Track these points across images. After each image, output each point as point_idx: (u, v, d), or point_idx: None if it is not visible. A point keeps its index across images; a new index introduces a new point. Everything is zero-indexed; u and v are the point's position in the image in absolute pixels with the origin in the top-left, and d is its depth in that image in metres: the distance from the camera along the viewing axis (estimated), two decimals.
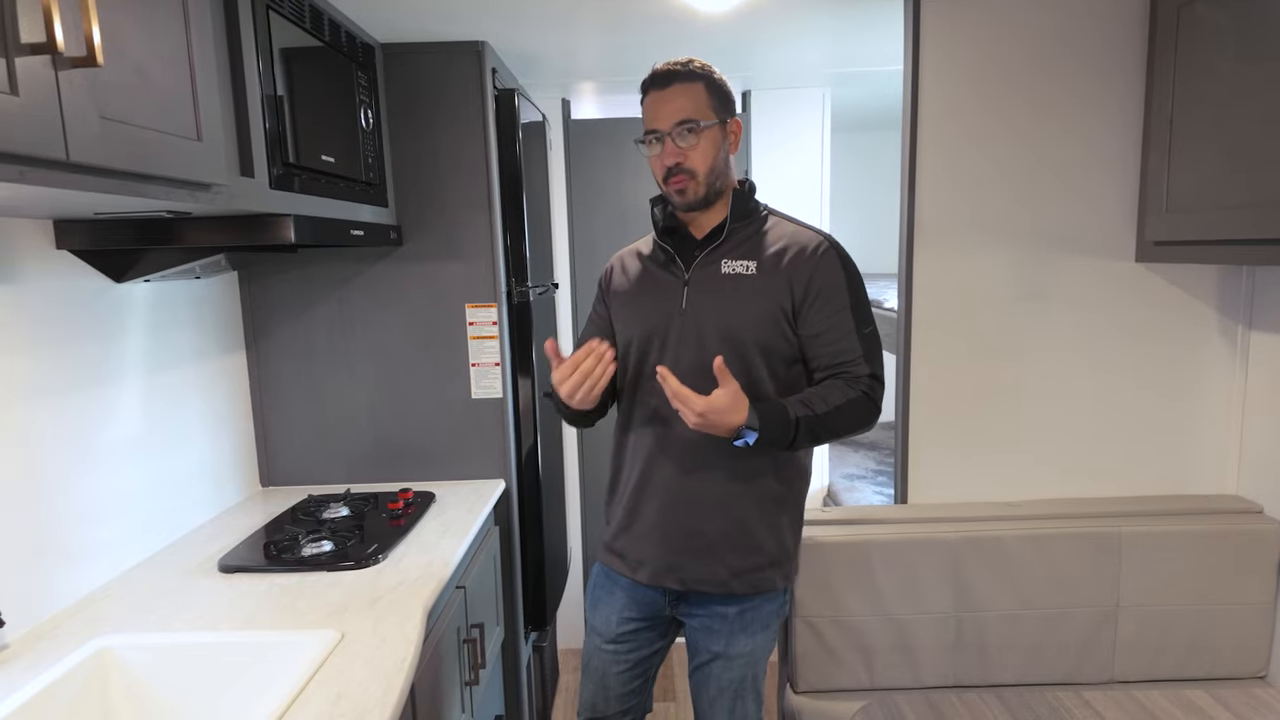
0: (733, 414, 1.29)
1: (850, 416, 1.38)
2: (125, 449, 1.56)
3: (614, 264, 1.61)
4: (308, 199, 1.49)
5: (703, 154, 1.40)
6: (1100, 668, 1.85)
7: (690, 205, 1.43)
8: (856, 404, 1.38)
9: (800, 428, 1.33)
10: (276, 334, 2.07)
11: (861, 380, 1.39)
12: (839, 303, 1.41)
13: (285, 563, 1.54)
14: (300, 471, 2.11)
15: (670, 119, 1.38)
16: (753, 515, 1.45)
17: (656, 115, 1.40)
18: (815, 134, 2.85)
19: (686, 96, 1.39)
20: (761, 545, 1.46)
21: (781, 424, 1.33)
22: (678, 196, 1.42)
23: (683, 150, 1.39)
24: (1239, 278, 1.90)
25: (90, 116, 0.86)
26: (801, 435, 1.34)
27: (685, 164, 1.39)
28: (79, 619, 1.33)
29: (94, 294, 1.49)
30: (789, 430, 1.33)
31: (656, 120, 1.40)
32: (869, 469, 3.33)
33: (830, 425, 1.36)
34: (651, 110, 1.42)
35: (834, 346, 1.40)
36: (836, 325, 1.40)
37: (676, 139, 1.38)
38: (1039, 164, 1.88)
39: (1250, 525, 1.84)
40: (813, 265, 1.41)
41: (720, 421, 1.29)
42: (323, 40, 1.61)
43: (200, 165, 1.09)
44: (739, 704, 1.50)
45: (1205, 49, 1.61)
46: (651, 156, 1.43)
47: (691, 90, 1.39)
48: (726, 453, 1.41)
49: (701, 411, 1.28)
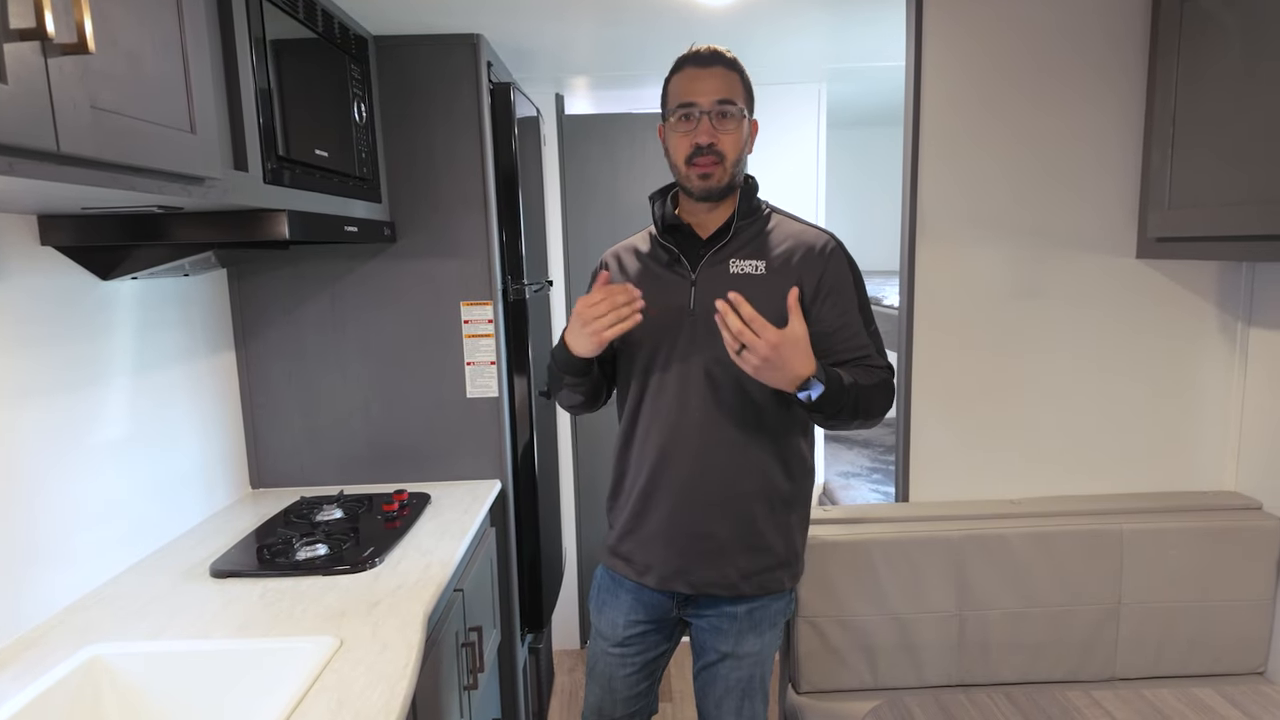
0: (801, 355, 1.23)
1: (879, 398, 1.37)
2: (112, 451, 1.52)
3: (609, 261, 1.54)
4: (301, 194, 1.46)
5: (734, 141, 1.36)
6: (1102, 665, 1.85)
7: (710, 192, 1.38)
8: (883, 387, 1.38)
9: (853, 395, 1.30)
10: (267, 332, 2.02)
11: (881, 369, 1.40)
12: (849, 300, 1.40)
13: (279, 567, 1.50)
14: (292, 473, 2.07)
15: (711, 95, 1.34)
16: (762, 516, 1.43)
17: (696, 89, 1.35)
18: (811, 130, 2.84)
19: (727, 80, 1.36)
20: (771, 546, 1.44)
21: (839, 386, 1.29)
22: (699, 181, 1.37)
23: (715, 132, 1.34)
24: (1239, 274, 1.90)
25: (81, 106, 0.83)
26: (847, 403, 1.30)
27: (718, 145, 1.35)
28: (68, 626, 1.29)
29: (79, 292, 1.45)
30: (847, 393, 1.29)
31: (695, 94, 1.34)
32: (864, 466, 3.32)
33: (866, 401, 1.34)
34: (688, 84, 1.36)
35: (850, 342, 1.40)
36: (849, 323, 1.40)
37: (714, 118, 1.34)
38: (1040, 160, 1.87)
39: (1249, 522, 1.84)
40: (823, 263, 1.40)
41: (790, 360, 1.22)
42: (315, 31, 1.57)
43: (194, 158, 1.05)
44: (747, 703, 1.49)
45: (1208, 45, 1.61)
46: (679, 134, 1.37)
47: (731, 78, 1.37)
48: (734, 453, 1.40)
49: (776, 343, 1.20)
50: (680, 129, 1.37)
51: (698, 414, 1.40)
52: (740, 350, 1.23)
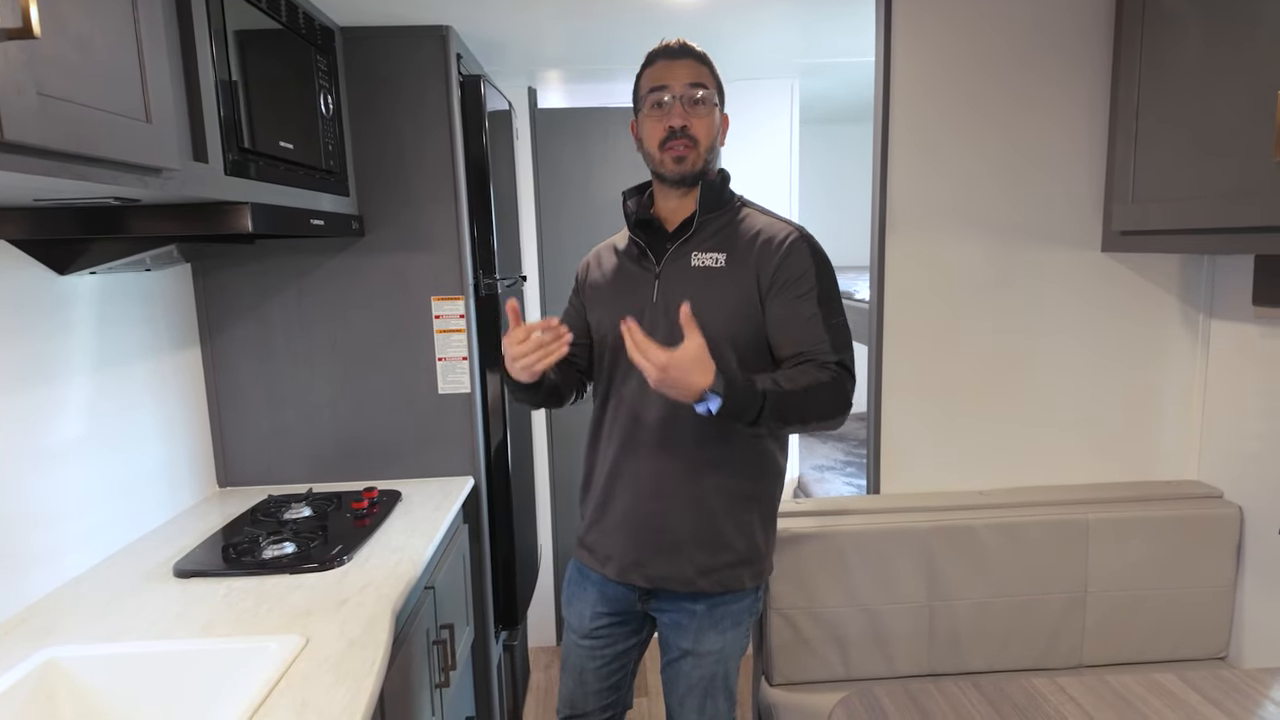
0: (697, 372, 1.20)
1: (820, 401, 1.30)
2: (72, 450, 1.48)
3: (590, 259, 1.58)
4: (265, 186, 1.43)
5: (707, 127, 1.39)
6: (1069, 652, 1.88)
7: (684, 176, 1.39)
8: (826, 388, 1.30)
9: (767, 402, 1.25)
10: (233, 329, 1.99)
11: (829, 367, 1.33)
12: (803, 290, 1.36)
13: (245, 566, 1.48)
14: (259, 471, 2.04)
15: (683, 80, 1.37)
16: (721, 512, 1.42)
17: (668, 75, 1.38)
18: (784, 125, 2.84)
19: (698, 70, 1.39)
20: (730, 543, 1.43)
21: (747, 394, 1.24)
22: (674, 165, 1.38)
23: (688, 115, 1.37)
24: (1200, 267, 1.94)
25: (27, 92, 0.80)
26: (768, 412, 1.25)
27: (691, 129, 1.37)
28: (23, 629, 1.26)
29: (36, 287, 1.41)
30: (755, 401, 1.24)
31: (668, 78, 1.37)
32: (838, 460, 3.35)
33: (798, 407, 1.28)
34: (661, 72, 1.39)
35: (799, 334, 1.35)
36: (800, 313, 1.35)
37: (686, 103, 1.36)
38: (1009, 153, 1.89)
39: (1211, 510, 1.88)
40: (779, 255, 1.38)
41: (683, 379, 1.20)
42: (279, 21, 1.54)
43: (149, 148, 1.03)
44: (709, 702, 1.48)
45: (1169, 39, 1.63)
46: (652, 120, 1.39)
47: (701, 69, 1.40)
48: (696, 448, 1.39)
49: (664, 365, 1.18)
50: (653, 115, 1.39)
51: (658, 408, 1.39)
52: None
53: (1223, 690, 1.29)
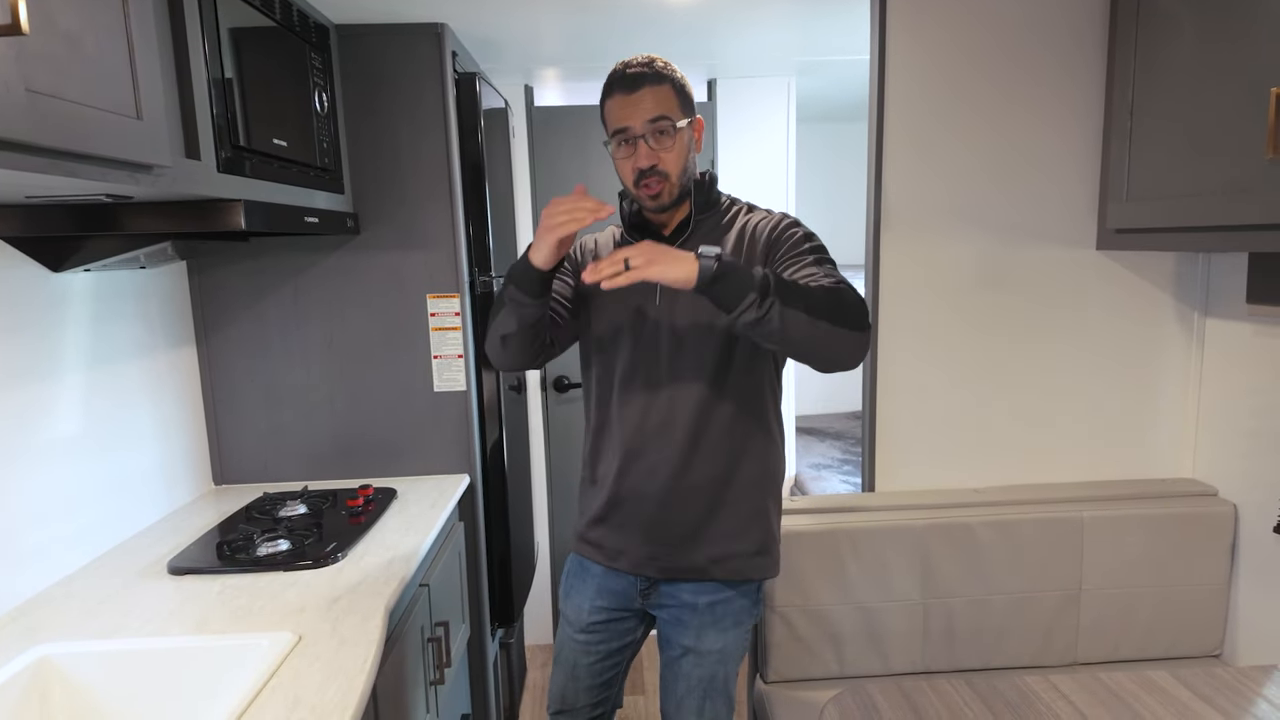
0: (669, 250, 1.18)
1: (829, 299, 1.20)
2: (66, 447, 1.48)
3: (585, 247, 1.54)
4: (259, 184, 1.43)
5: (677, 156, 1.35)
6: (1064, 650, 1.88)
7: (662, 208, 1.40)
8: (832, 290, 1.21)
9: (772, 284, 1.16)
10: (228, 326, 1.99)
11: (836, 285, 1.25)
12: (800, 250, 1.33)
13: (239, 563, 1.48)
14: (255, 469, 2.04)
15: (643, 116, 1.32)
16: (737, 501, 1.43)
17: (627, 114, 1.33)
18: (781, 123, 2.84)
19: (657, 97, 1.32)
20: (747, 531, 1.45)
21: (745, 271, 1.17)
22: (650, 201, 1.37)
23: (656, 152, 1.33)
24: (1195, 265, 1.94)
25: (15, 88, 0.80)
26: (774, 291, 1.16)
27: (660, 166, 1.33)
28: (17, 626, 1.26)
29: (30, 284, 1.41)
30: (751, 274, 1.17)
31: (627, 118, 1.32)
32: (835, 458, 3.35)
33: (805, 297, 1.18)
34: (619, 111, 1.34)
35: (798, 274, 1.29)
36: (798, 264, 1.31)
37: (650, 139, 1.32)
38: (1003, 152, 1.89)
39: (1206, 508, 1.88)
40: (771, 228, 1.39)
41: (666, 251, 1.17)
42: (273, 19, 1.54)
43: (140, 145, 1.03)
44: (708, 704, 1.48)
45: (1164, 37, 1.63)
46: (620, 160, 1.36)
47: (660, 93, 1.33)
48: (705, 441, 1.40)
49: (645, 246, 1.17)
50: (621, 155, 1.36)
51: (667, 404, 1.41)
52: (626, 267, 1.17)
53: (1215, 687, 1.29)
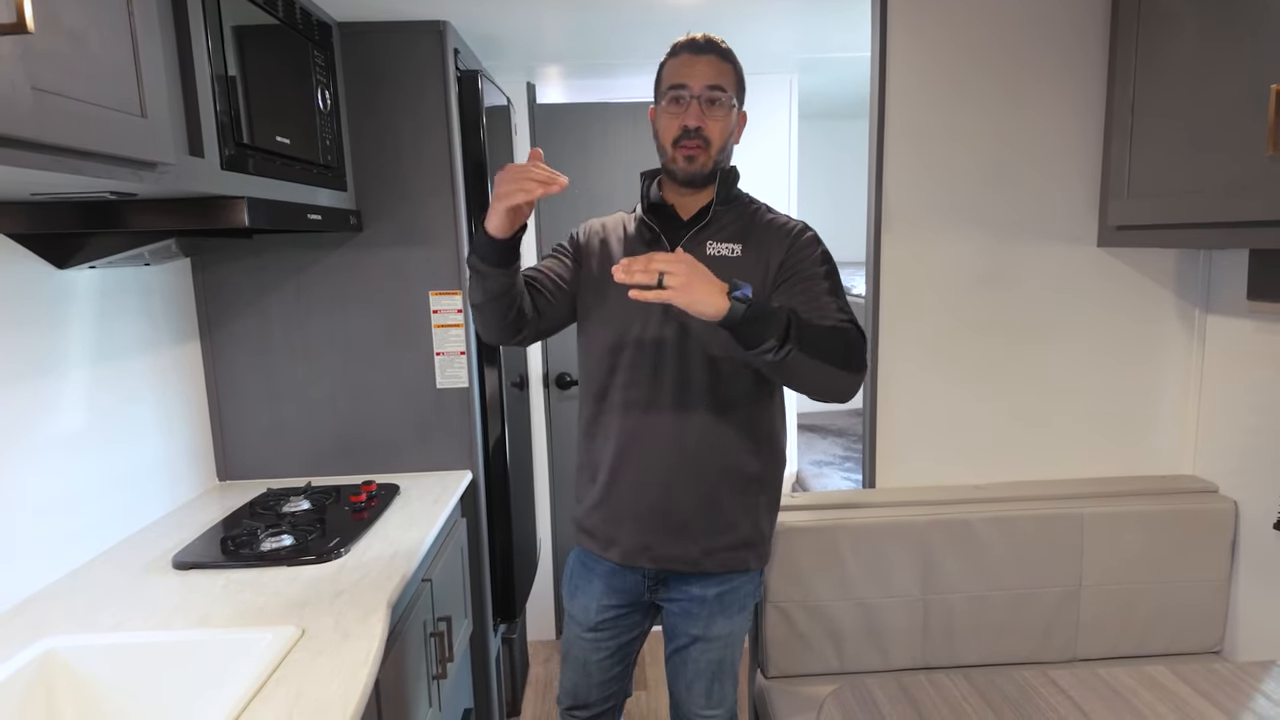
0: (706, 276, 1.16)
1: (836, 345, 1.26)
2: (71, 442, 1.49)
3: (591, 229, 1.53)
4: (262, 181, 1.44)
5: (722, 129, 1.39)
6: (1064, 646, 1.89)
7: (693, 176, 1.40)
8: (841, 333, 1.28)
9: (793, 332, 1.20)
10: (232, 323, 2.00)
11: (846, 324, 1.31)
12: (817, 273, 1.38)
13: (243, 558, 1.49)
14: (258, 465, 2.05)
15: (703, 80, 1.36)
16: (728, 495, 1.44)
17: (688, 73, 1.37)
18: (783, 120, 2.84)
19: (720, 69, 1.38)
20: (736, 525, 1.46)
21: (772, 314, 1.19)
22: (685, 163, 1.39)
23: (703, 116, 1.36)
24: (1196, 262, 1.94)
25: (21, 87, 0.81)
26: (794, 328, 1.20)
27: (705, 130, 1.37)
28: (22, 620, 1.27)
29: (35, 281, 1.42)
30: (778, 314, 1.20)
31: (688, 77, 1.37)
32: (836, 455, 3.35)
33: (815, 339, 1.23)
34: (683, 68, 1.38)
35: (814, 307, 1.33)
36: (814, 290, 1.35)
37: (704, 102, 1.36)
38: (1004, 149, 1.89)
39: (1206, 504, 1.88)
40: (790, 243, 1.41)
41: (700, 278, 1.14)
42: (276, 17, 1.55)
43: (145, 142, 1.03)
44: (716, 685, 1.51)
45: (1165, 34, 1.63)
46: (668, 115, 1.39)
47: (724, 68, 1.39)
48: (704, 431, 1.41)
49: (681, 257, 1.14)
50: (670, 110, 1.39)
51: (669, 391, 1.42)
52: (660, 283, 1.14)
53: (1213, 683, 1.29)
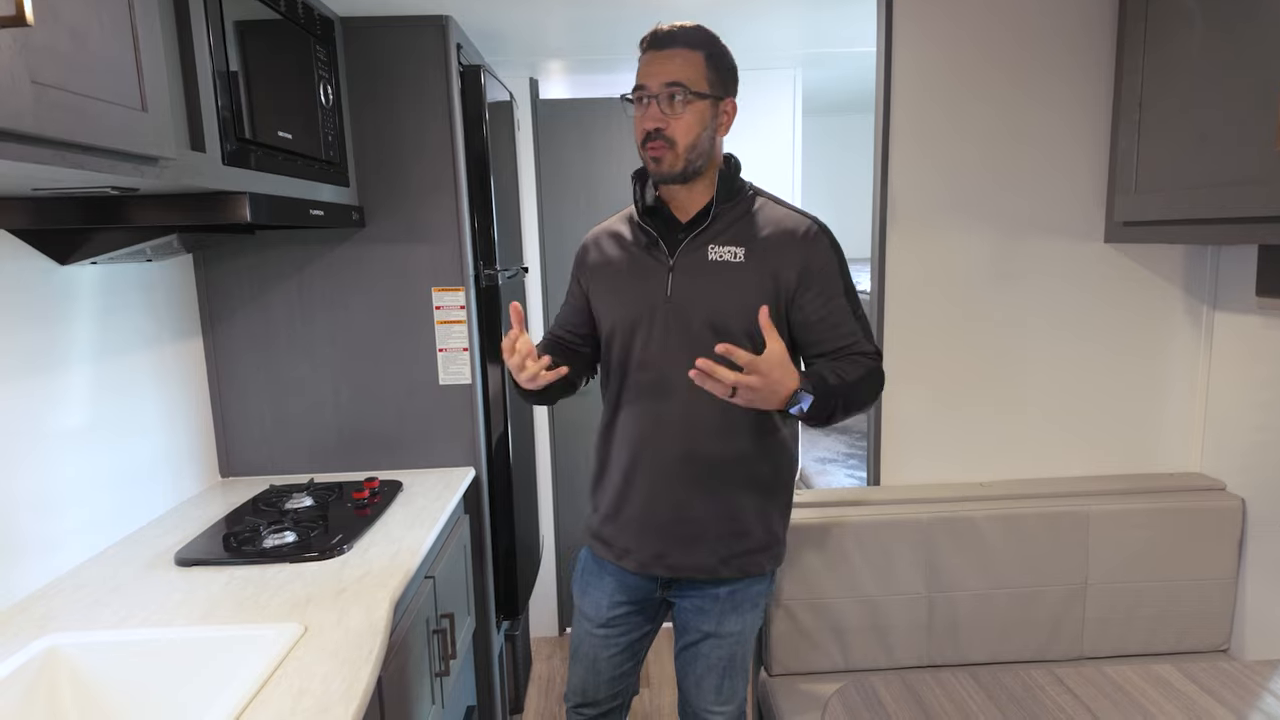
0: (789, 372, 1.20)
1: (868, 389, 1.35)
2: (73, 439, 1.49)
3: (589, 244, 1.54)
4: (264, 176, 1.43)
5: (686, 126, 1.33)
6: (1070, 644, 1.88)
7: (664, 177, 1.37)
8: (872, 376, 1.36)
9: (838, 396, 1.27)
10: (234, 319, 2.00)
11: (870, 355, 1.38)
12: (835, 288, 1.38)
13: (246, 555, 1.49)
14: (261, 461, 2.05)
15: (660, 79, 1.32)
16: (743, 502, 1.43)
17: (646, 71, 1.35)
18: (787, 116, 2.83)
19: (684, 62, 1.33)
20: (750, 531, 1.44)
21: (825, 390, 1.25)
22: (653, 165, 1.36)
23: (665, 117, 1.32)
24: (1204, 258, 1.92)
25: (21, 80, 0.80)
26: (838, 405, 1.28)
27: (665, 131, 1.32)
28: (25, 617, 1.27)
29: (37, 277, 1.42)
30: (832, 396, 1.26)
31: (645, 76, 1.34)
32: (840, 452, 3.34)
33: (855, 396, 1.31)
34: (643, 67, 1.36)
35: (836, 330, 1.38)
36: (836, 310, 1.37)
37: (662, 103, 1.32)
38: (1011, 144, 1.88)
39: (1213, 502, 1.87)
40: (805, 250, 1.37)
41: (777, 384, 1.18)
42: (278, 12, 1.54)
43: (145, 137, 1.03)
44: (726, 681, 1.50)
45: (1173, 29, 1.61)
46: (635, 118, 1.37)
47: (691, 58, 1.33)
48: (717, 442, 1.40)
49: (766, 373, 1.16)
50: (635, 112, 1.37)
51: (678, 400, 1.39)
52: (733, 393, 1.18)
53: (1220, 681, 1.28)
